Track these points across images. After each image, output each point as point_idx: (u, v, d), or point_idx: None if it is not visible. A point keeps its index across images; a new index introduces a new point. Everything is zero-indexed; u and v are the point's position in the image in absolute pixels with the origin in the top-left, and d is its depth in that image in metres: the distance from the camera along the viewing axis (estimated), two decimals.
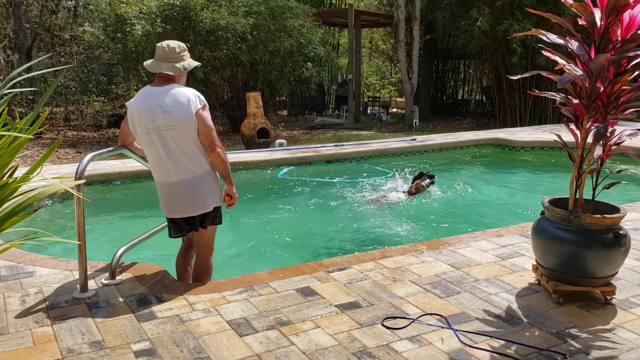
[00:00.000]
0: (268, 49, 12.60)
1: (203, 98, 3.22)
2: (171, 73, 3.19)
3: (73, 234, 3.23)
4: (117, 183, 7.01)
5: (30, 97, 14.20)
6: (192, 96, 3.16)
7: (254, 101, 10.54)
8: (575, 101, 2.98)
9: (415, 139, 10.20)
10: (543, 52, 3.20)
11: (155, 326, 2.77)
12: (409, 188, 6.73)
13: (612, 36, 2.84)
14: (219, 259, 3.96)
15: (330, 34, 19.86)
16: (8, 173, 2.44)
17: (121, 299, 3.09)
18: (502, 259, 3.71)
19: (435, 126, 15.20)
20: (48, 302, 3.04)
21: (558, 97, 3.08)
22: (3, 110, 2.51)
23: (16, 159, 2.58)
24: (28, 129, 2.51)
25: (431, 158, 9.22)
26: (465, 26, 13.67)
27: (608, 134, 2.94)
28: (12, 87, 2.70)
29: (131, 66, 12.39)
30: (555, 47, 4.43)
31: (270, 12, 12.50)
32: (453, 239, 4.15)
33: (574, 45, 2.89)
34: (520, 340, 2.62)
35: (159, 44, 3.24)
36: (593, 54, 2.89)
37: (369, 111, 19.26)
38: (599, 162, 3.04)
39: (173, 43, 3.24)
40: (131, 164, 7.20)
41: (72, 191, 2.77)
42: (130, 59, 12.18)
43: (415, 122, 14.60)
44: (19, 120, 2.70)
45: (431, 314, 2.89)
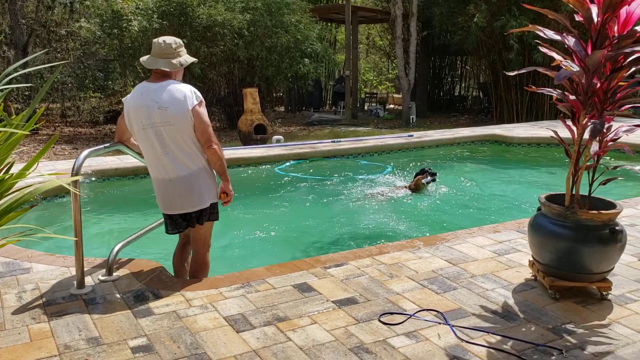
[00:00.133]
0: (265, 45, 12.59)
1: (199, 94, 3.22)
2: (167, 69, 3.19)
3: (70, 230, 3.23)
4: (114, 179, 7.00)
5: (26, 93, 14.16)
6: (189, 92, 3.15)
7: (251, 97, 10.53)
8: (572, 97, 2.99)
9: (412, 135, 10.22)
10: (540, 48, 3.20)
11: (152, 322, 2.77)
12: (410, 183, 6.73)
13: (609, 32, 2.84)
14: (216, 255, 3.96)
15: (327, 30, 19.86)
16: (4, 169, 2.43)
17: (118, 295, 3.09)
18: (499, 255, 3.72)
19: (432, 122, 15.21)
20: (45, 299, 3.04)
21: (555, 94, 3.09)
22: None
23: (12, 155, 2.57)
24: (24, 125, 2.49)
25: (428, 154, 9.22)
26: (462, 22, 13.67)
27: (604, 130, 2.95)
28: (8, 83, 2.69)
29: (128, 62, 12.37)
30: (552, 44, 4.45)
31: (267, 8, 12.48)
32: (450, 235, 4.16)
33: (571, 41, 2.90)
34: (516, 335, 2.63)
35: (155, 40, 3.23)
36: (590, 50, 2.89)
37: (366, 107, 19.26)
38: (596, 158, 3.04)
39: (169, 39, 3.23)
40: (128, 160, 7.19)
41: (69, 187, 2.77)
42: (126, 55, 12.15)
43: (412, 119, 14.60)
44: (15, 116, 2.69)
45: (428, 310, 2.90)
